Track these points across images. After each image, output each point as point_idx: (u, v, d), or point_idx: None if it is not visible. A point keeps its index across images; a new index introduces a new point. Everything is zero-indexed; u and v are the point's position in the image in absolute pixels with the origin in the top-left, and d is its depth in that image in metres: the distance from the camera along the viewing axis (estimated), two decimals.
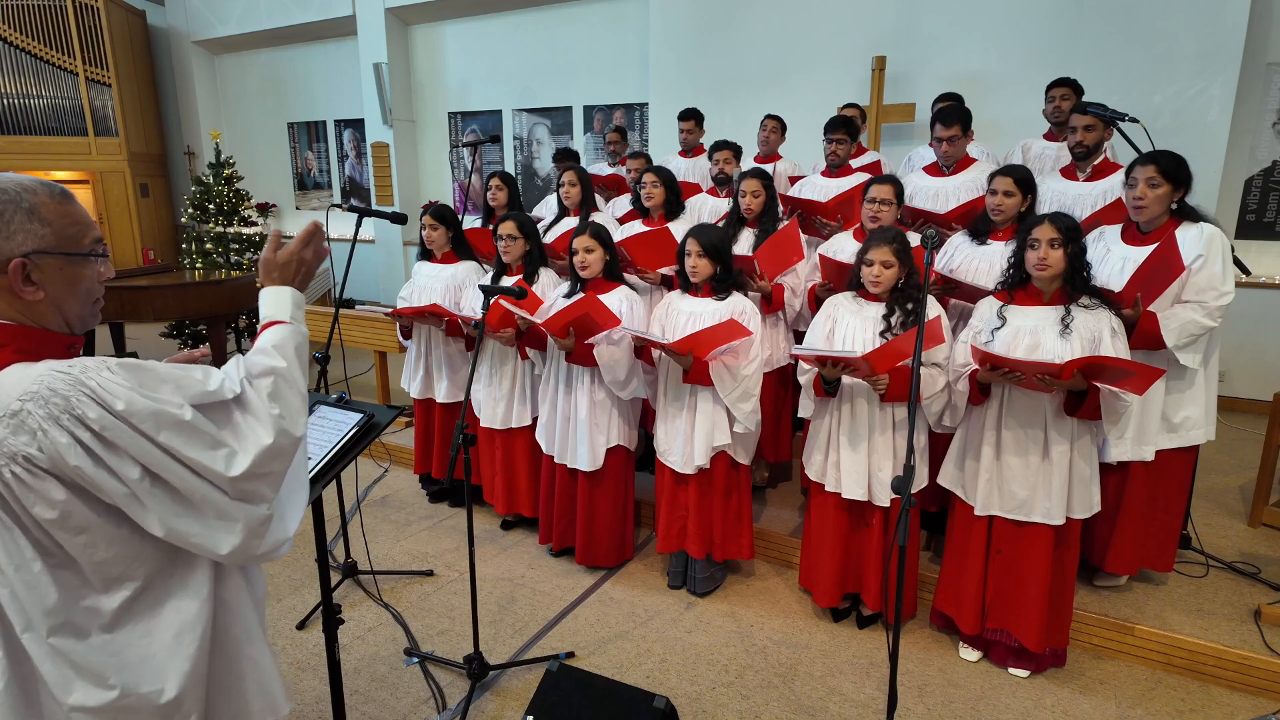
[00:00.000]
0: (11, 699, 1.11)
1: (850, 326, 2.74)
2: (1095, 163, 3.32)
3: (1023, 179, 2.92)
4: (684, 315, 2.98)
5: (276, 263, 1.38)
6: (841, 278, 2.94)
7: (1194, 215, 2.68)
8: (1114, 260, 2.75)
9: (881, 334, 2.65)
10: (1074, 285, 2.44)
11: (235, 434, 1.15)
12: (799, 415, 3.01)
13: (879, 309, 2.70)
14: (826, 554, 2.91)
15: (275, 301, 1.36)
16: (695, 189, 4.40)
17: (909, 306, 2.65)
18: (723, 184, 4.17)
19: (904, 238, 2.70)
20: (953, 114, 3.50)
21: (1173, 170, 2.59)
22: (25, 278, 1.10)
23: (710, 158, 4.23)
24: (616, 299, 3.08)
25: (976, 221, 3.10)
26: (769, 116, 4.60)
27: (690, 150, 4.95)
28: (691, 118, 4.89)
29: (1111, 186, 3.24)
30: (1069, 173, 3.41)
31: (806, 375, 2.81)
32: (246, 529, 1.15)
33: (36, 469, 1.04)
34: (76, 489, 1.07)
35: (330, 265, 7.38)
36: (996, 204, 2.94)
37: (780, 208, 3.65)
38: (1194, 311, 2.60)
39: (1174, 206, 2.68)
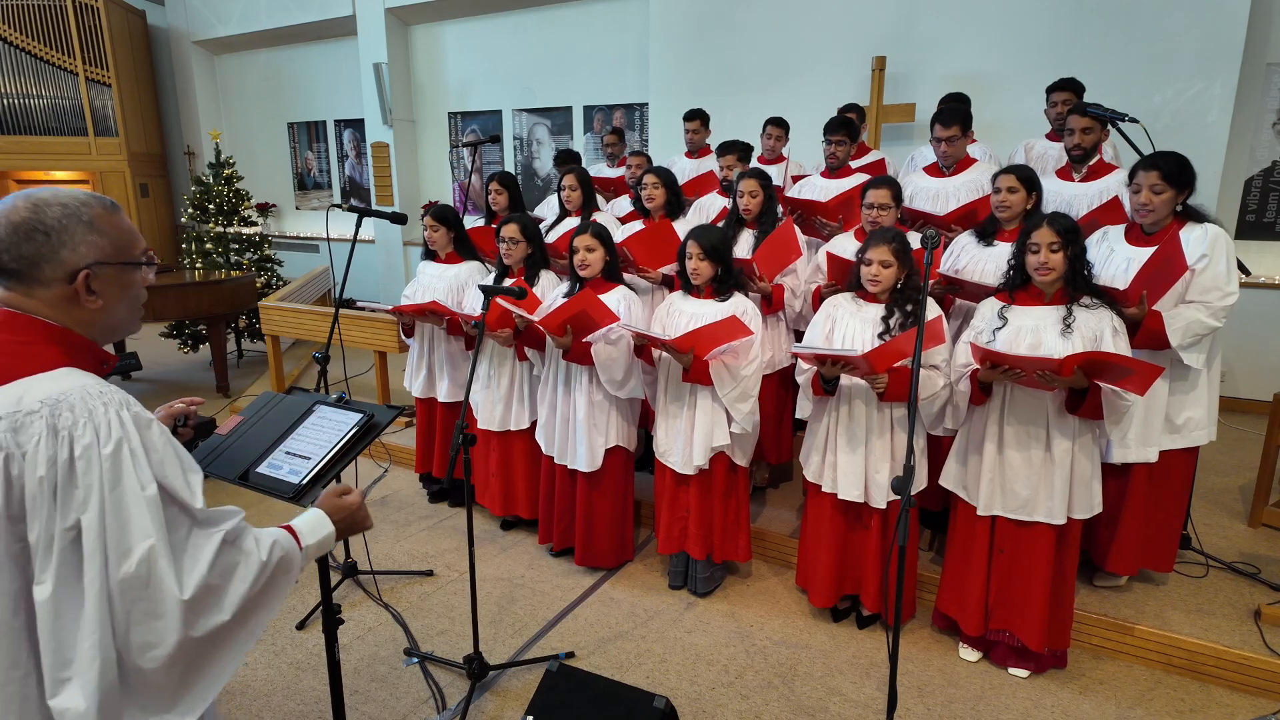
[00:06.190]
0: None
1: (849, 327, 2.73)
2: (1091, 164, 3.32)
3: (1026, 177, 2.92)
4: (685, 316, 2.97)
5: (335, 499, 1.43)
6: (848, 276, 2.94)
7: (1197, 215, 2.68)
8: (1118, 260, 2.75)
9: (880, 335, 2.65)
10: (1075, 285, 2.44)
11: (173, 552, 1.08)
12: (797, 416, 3.01)
13: (878, 310, 2.70)
14: (823, 555, 2.91)
15: (313, 525, 1.37)
16: (710, 181, 4.27)
17: (908, 308, 2.65)
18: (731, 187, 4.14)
19: (903, 238, 2.69)
20: (952, 114, 3.49)
21: (1176, 175, 2.59)
22: (87, 288, 1.15)
23: (718, 159, 4.21)
24: (614, 299, 3.08)
25: (984, 222, 3.10)
26: (771, 124, 4.49)
27: (696, 151, 4.91)
28: (697, 118, 4.84)
29: (1107, 187, 3.24)
30: (1065, 173, 3.41)
31: (805, 374, 2.81)
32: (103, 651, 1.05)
33: (4, 472, 1.02)
34: (11, 516, 1.04)
35: (330, 265, 7.42)
36: (1001, 200, 2.94)
37: (780, 208, 3.64)
38: (1198, 311, 2.59)
39: (1179, 209, 2.68)
